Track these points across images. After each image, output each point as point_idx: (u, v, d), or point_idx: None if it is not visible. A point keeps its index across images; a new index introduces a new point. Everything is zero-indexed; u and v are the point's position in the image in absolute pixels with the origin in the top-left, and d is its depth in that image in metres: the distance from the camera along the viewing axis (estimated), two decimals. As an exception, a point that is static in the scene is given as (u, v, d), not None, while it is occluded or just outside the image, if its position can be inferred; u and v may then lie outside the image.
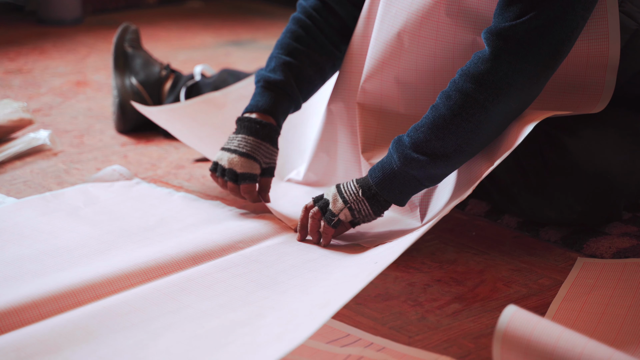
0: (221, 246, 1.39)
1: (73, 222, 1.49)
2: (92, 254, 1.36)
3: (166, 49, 2.98)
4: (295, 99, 1.56)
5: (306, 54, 1.56)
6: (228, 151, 1.51)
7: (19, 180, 1.75)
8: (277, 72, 1.54)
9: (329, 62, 1.59)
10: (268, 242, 1.44)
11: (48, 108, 2.26)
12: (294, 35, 1.57)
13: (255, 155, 1.51)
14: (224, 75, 2.08)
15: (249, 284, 1.28)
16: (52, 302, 1.18)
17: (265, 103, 1.53)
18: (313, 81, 1.58)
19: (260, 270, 1.33)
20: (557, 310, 1.24)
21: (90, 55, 2.85)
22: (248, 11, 3.75)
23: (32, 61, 2.74)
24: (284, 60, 1.55)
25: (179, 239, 1.40)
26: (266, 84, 1.54)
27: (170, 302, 1.21)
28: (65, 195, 1.61)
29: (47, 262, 1.32)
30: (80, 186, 1.66)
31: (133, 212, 1.54)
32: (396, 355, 1.14)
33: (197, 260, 1.34)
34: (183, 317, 1.18)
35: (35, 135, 1.93)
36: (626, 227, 1.52)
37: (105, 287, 1.23)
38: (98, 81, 2.53)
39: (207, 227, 1.48)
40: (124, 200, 1.60)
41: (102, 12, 3.56)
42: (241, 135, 1.51)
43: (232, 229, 1.45)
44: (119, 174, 1.71)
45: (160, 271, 1.29)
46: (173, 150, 1.97)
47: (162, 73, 2.09)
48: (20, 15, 3.39)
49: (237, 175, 1.50)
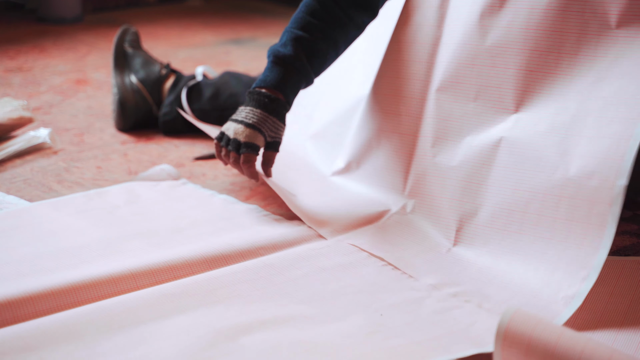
0: (240, 251, 1.36)
1: (106, 221, 1.48)
2: (111, 254, 1.35)
3: (166, 48, 2.98)
4: (306, 74, 1.55)
5: (319, 28, 1.55)
6: (235, 122, 1.53)
7: (19, 178, 1.75)
8: (287, 47, 1.54)
9: (343, 36, 1.58)
10: (292, 249, 1.40)
11: (48, 106, 2.25)
12: (309, 9, 1.56)
13: (260, 127, 1.52)
14: (226, 77, 2.08)
15: (253, 292, 1.25)
16: (48, 298, 1.17)
17: (274, 78, 1.53)
18: (325, 55, 1.57)
19: (270, 277, 1.30)
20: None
21: (91, 54, 2.85)
22: (248, 9, 3.75)
23: (32, 59, 2.74)
24: (295, 34, 1.55)
25: (202, 243, 1.38)
26: (275, 59, 1.54)
27: (166, 304, 1.19)
28: (108, 193, 1.61)
29: (63, 260, 1.32)
30: (126, 184, 1.66)
31: (169, 213, 1.53)
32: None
33: (212, 264, 1.32)
34: (172, 323, 1.15)
35: (35, 134, 1.93)
36: (626, 226, 1.53)
37: (109, 287, 1.22)
38: (98, 79, 2.53)
39: (235, 231, 1.45)
40: (164, 200, 1.59)
41: (102, 10, 3.56)
42: (249, 107, 1.53)
43: (259, 234, 1.42)
44: (166, 173, 1.70)
45: (171, 274, 1.28)
46: (173, 148, 1.97)
47: (162, 72, 2.09)
48: (20, 14, 3.39)
49: (240, 144, 1.51)
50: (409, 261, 1.37)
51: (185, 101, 2.02)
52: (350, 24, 1.58)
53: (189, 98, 2.04)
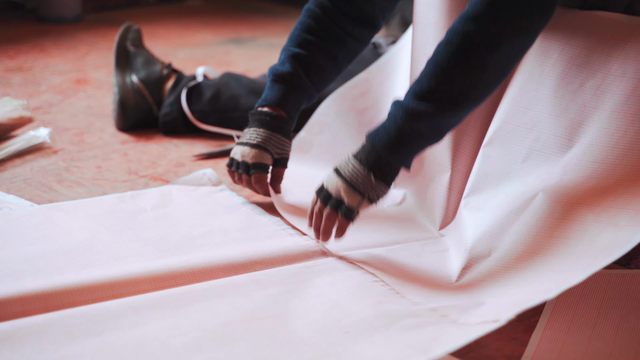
0: (234, 265, 1.32)
1: (124, 224, 1.47)
2: (107, 260, 1.34)
3: (166, 47, 2.98)
4: (306, 89, 1.57)
5: (315, 44, 1.56)
6: (241, 145, 1.55)
7: (19, 178, 1.75)
8: (285, 65, 1.56)
9: (342, 50, 1.58)
10: (287, 266, 1.34)
11: (48, 106, 2.26)
12: (304, 27, 1.58)
13: (266, 146, 1.54)
14: (226, 78, 2.08)
15: (224, 308, 1.21)
16: (38, 300, 1.18)
17: (275, 96, 1.56)
18: (325, 70, 1.58)
19: (249, 293, 1.25)
20: (548, 320, 1.23)
21: (91, 53, 2.85)
22: (248, 9, 3.75)
23: (32, 59, 2.74)
24: (292, 52, 1.56)
25: (201, 254, 1.35)
26: (275, 77, 1.57)
27: (129, 316, 1.18)
28: (142, 196, 1.59)
29: (56, 262, 1.31)
30: (165, 187, 1.65)
31: (190, 220, 1.51)
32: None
33: (198, 277, 1.28)
34: (142, 332, 1.14)
35: (35, 133, 1.93)
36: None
37: (102, 291, 1.22)
38: (98, 79, 2.53)
39: (245, 244, 1.42)
40: (194, 206, 1.57)
41: (103, 10, 3.56)
42: (253, 128, 1.55)
43: (263, 248, 1.38)
44: (207, 178, 1.68)
45: (153, 284, 1.25)
46: (173, 148, 1.97)
47: (164, 72, 2.09)
48: (21, 13, 3.39)
49: (248, 166, 1.54)
50: (408, 285, 1.31)
51: (185, 102, 2.02)
52: (348, 39, 1.59)
53: (189, 99, 2.03)
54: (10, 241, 1.38)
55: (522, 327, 1.23)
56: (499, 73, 1.30)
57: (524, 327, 1.23)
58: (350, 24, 1.58)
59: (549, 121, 1.35)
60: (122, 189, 1.69)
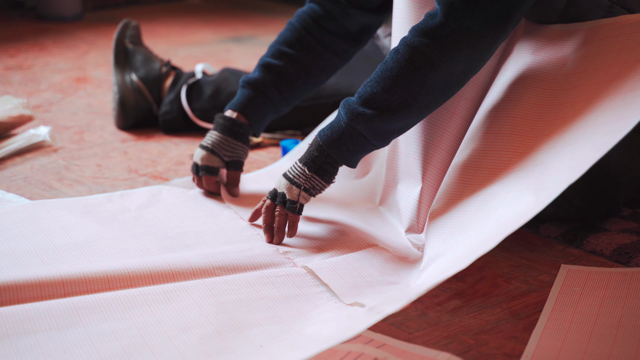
0: (194, 270, 1.31)
1: (103, 224, 1.47)
2: (75, 258, 1.34)
3: (166, 45, 2.98)
4: (271, 97, 1.62)
5: (289, 56, 1.61)
6: (199, 147, 1.62)
7: (19, 176, 1.76)
8: (255, 72, 1.63)
9: (319, 63, 1.63)
10: (249, 273, 1.33)
11: (48, 104, 2.26)
12: (281, 39, 1.63)
13: (214, 149, 1.59)
14: (225, 73, 2.08)
15: (169, 313, 1.20)
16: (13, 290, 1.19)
17: (237, 100, 1.63)
18: (295, 81, 1.62)
19: (200, 300, 1.23)
20: (548, 318, 1.23)
21: (90, 52, 2.85)
22: (248, 7, 3.75)
23: (32, 57, 2.74)
24: (264, 61, 1.62)
25: (166, 256, 1.34)
26: (243, 83, 1.63)
27: (88, 315, 1.17)
28: (130, 196, 1.59)
29: (25, 259, 1.32)
30: (156, 187, 1.64)
31: (169, 221, 1.50)
32: (396, 351, 1.14)
33: (157, 279, 1.27)
34: (75, 334, 1.13)
35: (35, 132, 1.93)
36: (626, 224, 1.52)
37: (53, 288, 1.21)
38: (98, 77, 2.53)
39: (215, 247, 1.41)
40: (178, 207, 1.57)
41: (102, 8, 3.56)
42: (212, 131, 1.61)
43: (232, 253, 1.37)
44: None
45: (107, 284, 1.24)
46: (173, 146, 1.97)
47: (163, 70, 2.09)
48: (21, 12, 3.39)
49: (198, 167, 1.60)
50: (361, 291, 1.29)
51: (185, 101, 2.02)
52: (326, 52, 1.62)
53: (188, 97, 2.03)
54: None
55: (522, 325, 1.23)
56: (441, 88, 1.33)
57: (524, 325, 1.23)
58: (329, 39, 1.61)
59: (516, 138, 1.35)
60: (122, 187, 1.69)
